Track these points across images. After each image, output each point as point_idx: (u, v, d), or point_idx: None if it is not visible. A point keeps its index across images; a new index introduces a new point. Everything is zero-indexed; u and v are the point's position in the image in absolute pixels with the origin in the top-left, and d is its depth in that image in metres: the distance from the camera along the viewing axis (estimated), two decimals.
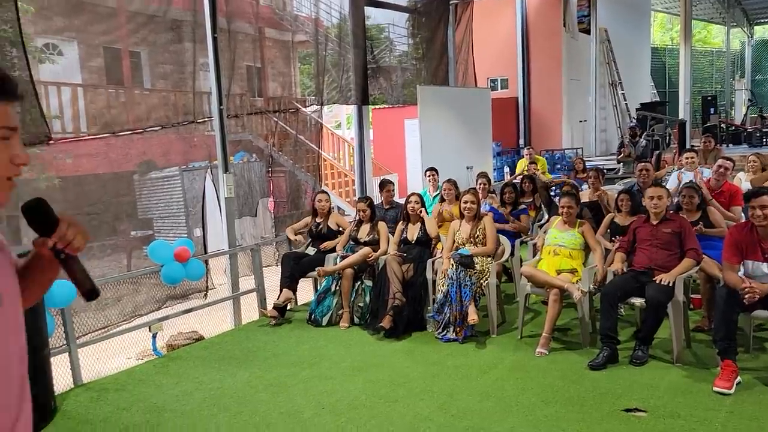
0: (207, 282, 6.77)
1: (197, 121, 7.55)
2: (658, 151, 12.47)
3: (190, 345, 5.78)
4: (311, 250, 6.41)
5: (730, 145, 16.78)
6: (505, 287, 6.43)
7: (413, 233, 5.92)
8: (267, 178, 9.86)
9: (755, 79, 27.60)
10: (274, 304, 6.05)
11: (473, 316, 5.08)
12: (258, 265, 6.65)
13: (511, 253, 6.09)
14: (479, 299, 5.34)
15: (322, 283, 5.99)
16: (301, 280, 6.30)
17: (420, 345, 5.18)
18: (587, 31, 17.44)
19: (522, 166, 11.18)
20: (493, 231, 5.61)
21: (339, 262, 5.92)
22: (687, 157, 7.16)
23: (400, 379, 4.44)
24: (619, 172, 12.63)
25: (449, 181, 7.00)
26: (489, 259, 5.50)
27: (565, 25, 16.07)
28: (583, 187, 7.63)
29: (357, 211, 6.27)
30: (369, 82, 9.79)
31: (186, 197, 9.69)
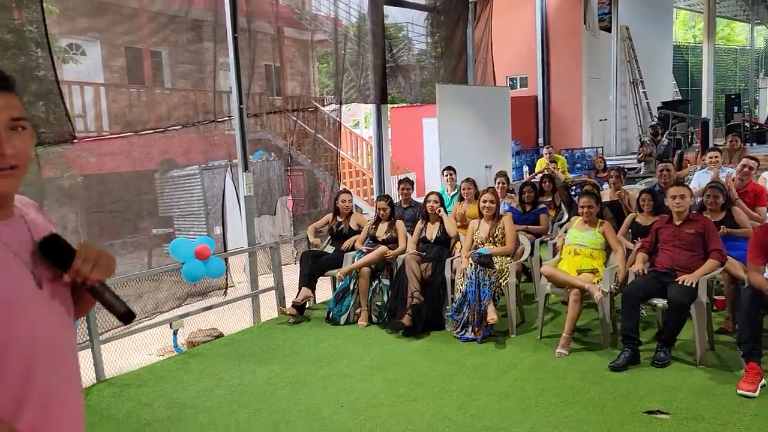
0: (227, 280, 6.81)
1: (217, 120, 7.60)
2: (680, 150, 12.31)
3: (210, 342, 5.83)
4: (330, 249, 6.42)
5: (754, 144, 16.52)
6: (525, 287, 6.40)
7: (432, 232, 5.91)
8: (286, 176, 9.90)
9: None
10: (293, 302, 6.07)
11: (492, 316, 5.06)
12: (277, 263, 6.69)
13: (531, 253, 6.06)
14: (498, 299, 5.33)
15: (340, 282, 6.01)
16: (320, 278, 6.31)
17: (439, 344, 5.17)
18: (608, 29, 17.28)
19: (541, 165, 11.11)
20: (512, 230, 5.58)
21: (361, 256, 5.93)
22: (711, 156, 7.07)
23: (419, 378, 4.43)
24: (640, 172, 12.49)
25: (468, 180, 6.98)
26: (508, 258, 5.48)
27: (585, 23, 15.93)
28: (604, 187, 7.55)
29: (377, 209, 6.28)
30: (388, 80, 9.79)
31: (206, 195, 9.77)
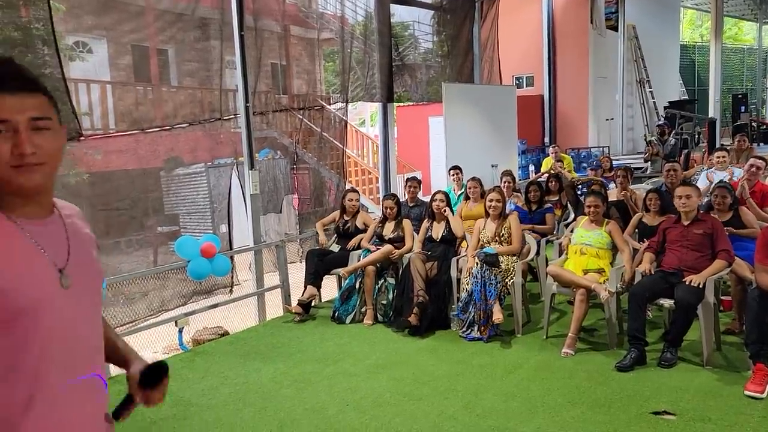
0: (232, 278, 6.82)
1: (223, 118, 7.60)
2: (687, 150, 12.27)
3: (216, 340, 5.84)
4: (336, 247, 6.42)
5: (761, 144, 16.46)
6: (531, 286, 6.38)
7: (438, 231, 5.90)
8: (291, 175, 9.88)
9: None
10: (298, 300, 6.07)
11: (498, 315, 5.04)
12: (282, 261, 6.69)
13: (537, 252, 6.04)
14: (504, 298, 5.31)
15: (345, 281, 6.00)
16: (326, 277, 6.31)
17: (444, 343, 5.16)
18: (615, 28, 17.23)
19: (548, 164, 11.08)
20: (518, 230, 5.57)
21: (367, 255, 5.93)
22: (718, 156, 7.03)
23: (424, 378, 4.43)
24: (647, 171, 12.44)
25: (474, 179, 6.96)
26: (514, 257, 5.47)
27: (592, 22, 15.88)
28: (610, 186, 7.53)
29: (383, 207, 6.27)
30: (394, 79, 9.77)
31: (212, 193, 9.78)
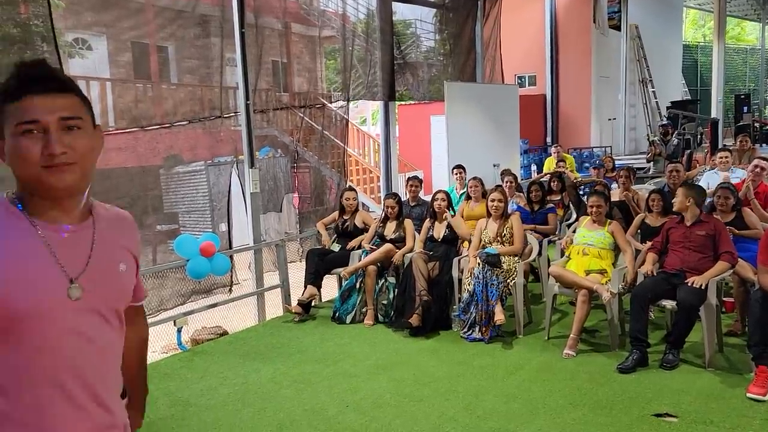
0: (231, 277, 6.78)
1: (224, 116, 7.57)
2: (689, 151, 12.21)
3: (215, 340, 5.81)
4: (336, 247, 6.39)
5: (764, 144, 16.42)
6: (532, 287, 6.34)
7: (440, 231, 5.86)
8: (292, 173, 9.85)
9: None
10: (298, 300, 6.04)
11: (500, 316, 5.01)
12: (283, 260, 6.65)
13: (539, 253, 6.00)
14: (506, 299, 5.28)
15: (346, 281, 5.97)
16: (326, 276, 6.28)
17: (445, 344, 5.13)
18: (617, 28, 17.19)
19: (550, 164, 11.04)
20: (520, 230, 5.54)
21: (366, 255, 5.89)
22: (721, 157, 7.00)
23: (425, 379, 4.40)
24: (649, 171, 12.39)
25: (475, 178, 6.93)
26: (516, 258, 5.43)
27: (595, 21, 15.85)
28: (613, 186, 7.49)
29: (385, 207, 6.23)
30: (396, 77, 9.74)
31: (211, 192, 9.73)
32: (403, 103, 14.24)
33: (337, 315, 5.84)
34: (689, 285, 4.35)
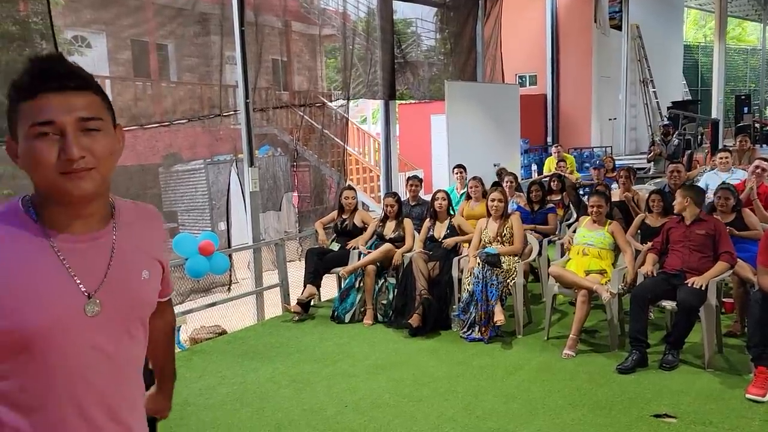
0: (230, 276, 6.77)
1: (223, 114, 7.55)
2: (690, 151, 12.20)
3: (213, 339, 5.79)
4: (335, 246, 6.37)
5: (764, 145, 16.42)
6: (532, 287, 6.33)
7: (440, 231, 5.85)
8: (292, 172, 9.84)
9: None
10: (297, 299, 6.02)
11: (499, 316, 5.00)
12: (282, 259, 6.64)
13: (539, 253, 5.99)
14: (505, 299, 5.26)
15: (345, 280, 5.95)
16: (325, 276, 6.26)
17: (445, 344, 5.12)
18: (618, 27, 17.17)
19: (550, 164, 11.03)
20: (520, 230, 5.52)
21: (362, 258, 5.88)
22: (721, 157, 6.99)
23: (424, 379, 4.38)
24: (650, 172, 12.39)
25: (475, 178, 6.92)
26: (516, 258, 5.42)
27: (596, 21, 15.83)
28: (613, 187, 7.47)
29: (384, 206, 6.22)
30: (396, 76, 9.73)
31: (211, 190, 9.72)
32: (403, 102, 14.22)
33: (336, 314, 5.83)
34: (689, 285, 4.34)
